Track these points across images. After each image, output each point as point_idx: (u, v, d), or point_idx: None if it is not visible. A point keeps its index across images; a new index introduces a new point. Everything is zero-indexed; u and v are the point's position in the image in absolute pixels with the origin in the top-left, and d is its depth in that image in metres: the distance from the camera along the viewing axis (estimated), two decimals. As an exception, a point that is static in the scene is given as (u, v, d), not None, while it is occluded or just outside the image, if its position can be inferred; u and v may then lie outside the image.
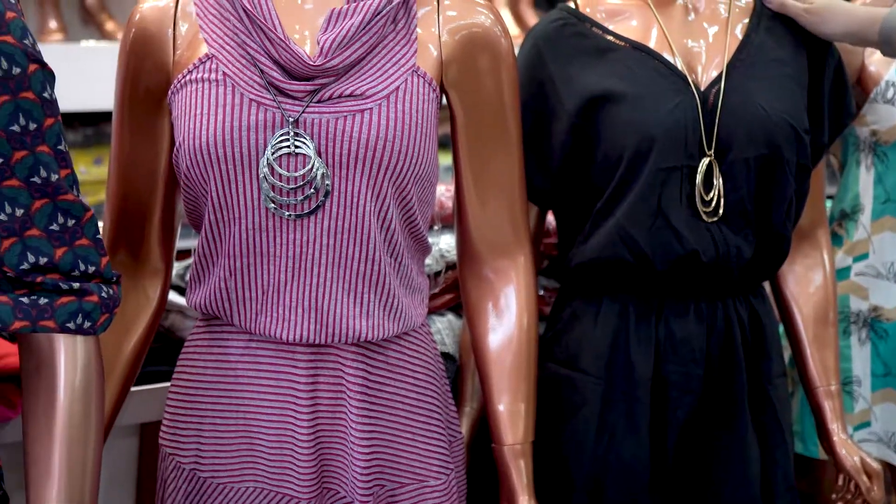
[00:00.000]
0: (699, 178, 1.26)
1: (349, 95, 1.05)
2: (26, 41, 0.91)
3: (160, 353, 1.45)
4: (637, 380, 1.29)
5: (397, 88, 1.06)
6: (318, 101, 1.05)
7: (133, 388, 1.26)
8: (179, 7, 1.11)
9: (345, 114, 1.04)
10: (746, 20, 1.34)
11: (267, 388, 1.11)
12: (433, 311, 1.55)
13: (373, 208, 1.06)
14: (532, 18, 3.05)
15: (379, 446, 1.13)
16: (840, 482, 1.41)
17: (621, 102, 1.25)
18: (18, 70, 0.90)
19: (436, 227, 1.58)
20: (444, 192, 1.61)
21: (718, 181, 1.26)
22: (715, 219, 1.27)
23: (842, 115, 1.40)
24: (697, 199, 1.26)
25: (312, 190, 1.05)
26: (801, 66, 1.34)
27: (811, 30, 1.35)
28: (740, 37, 1.33)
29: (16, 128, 0.90)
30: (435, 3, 1.13)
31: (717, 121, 1.26)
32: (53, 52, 2.24)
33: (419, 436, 1.15)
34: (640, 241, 1.26)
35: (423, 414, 1.16)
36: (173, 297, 1.46)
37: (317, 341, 1.08)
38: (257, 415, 1.12)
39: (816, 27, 1.34)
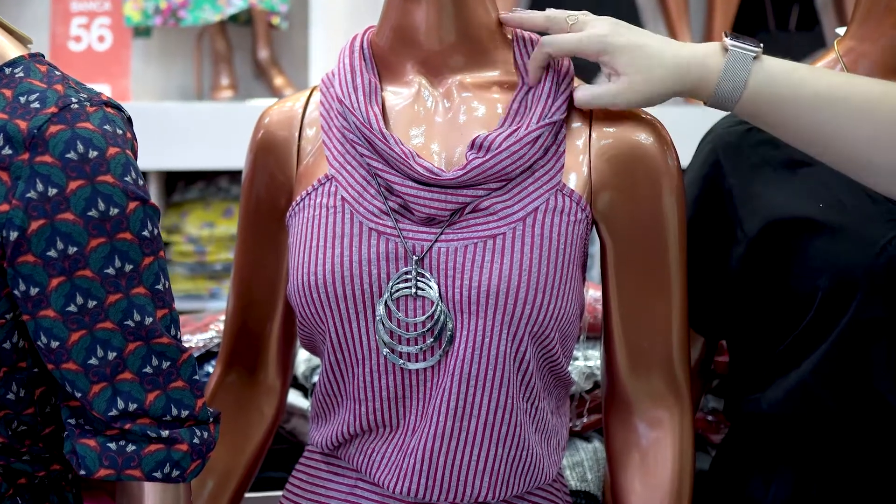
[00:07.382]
0: None
1: (483, 209, 0.92)
2: (127, 178, 0.85)
3: (284, 455, 1.38)
4: None
5: (536, 209, 0.92)
6: (448, 225, 0.92)
7: (249, 495, 1.20)
8: (307, 113, 1.02)
9: (474, 240, 0.91)
10: None
11: None
12: (578, 433, 1.39)
13: (506, 350, 0.91)
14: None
15: None
16: None
17: (816, 232, 1.02)
18: (116, 210, 0.84)
19: (581, 339, 1.39)
20: (595, 297, 1.37)
21: None
22: None
23: None
24: None
25: (433, 339, 0.92)
26: None
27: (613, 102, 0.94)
28: None
29: (110, 271, 0.85)
30: (587, 115, 0.98)
31: None
32: (222, 109, 2.27)
33: None
34: (834, 405, 1.02)
35: None
36: (296, 399, 1.38)
37: (424, 498, 0.95)
38: None
39: (623, 97, 0.93)
